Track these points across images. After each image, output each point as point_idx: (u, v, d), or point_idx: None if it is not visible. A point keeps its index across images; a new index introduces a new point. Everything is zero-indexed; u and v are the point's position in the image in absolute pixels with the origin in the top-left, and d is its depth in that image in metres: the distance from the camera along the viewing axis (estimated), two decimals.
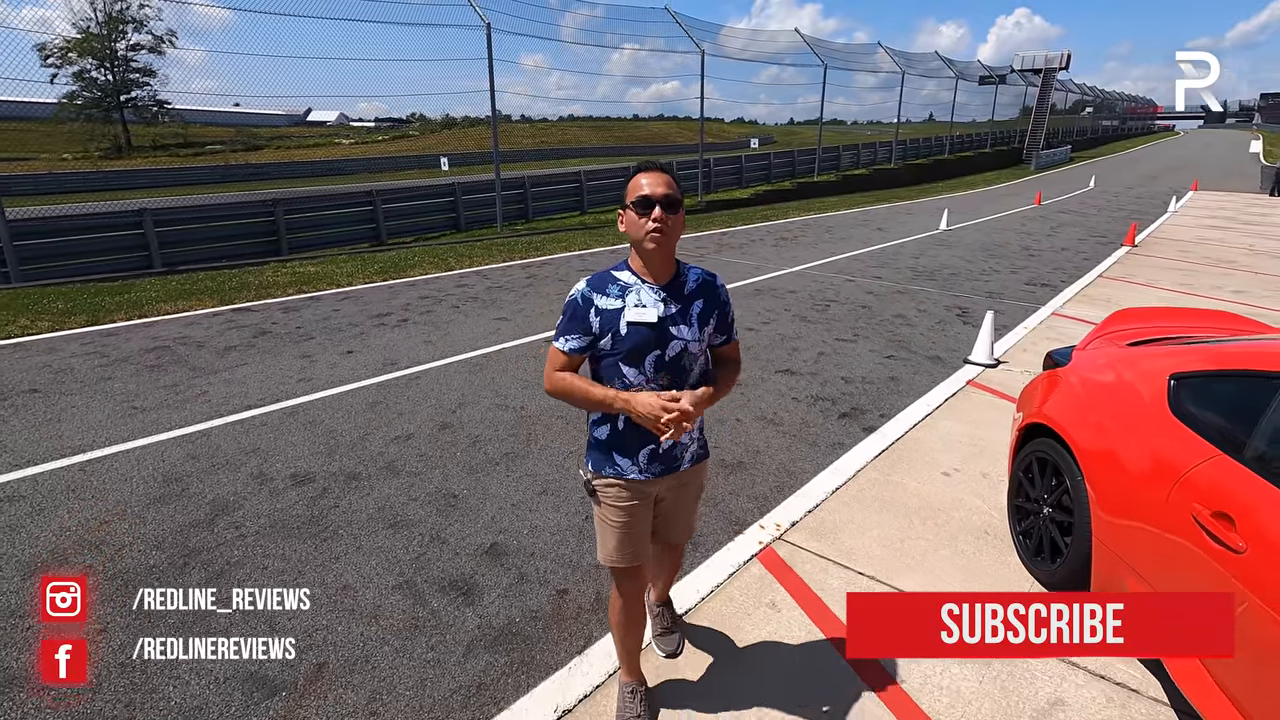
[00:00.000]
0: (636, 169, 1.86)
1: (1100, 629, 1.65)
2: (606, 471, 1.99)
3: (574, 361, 1.92)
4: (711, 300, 1.95)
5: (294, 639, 2.62)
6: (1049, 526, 2.92)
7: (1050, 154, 41.25)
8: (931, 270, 10.58)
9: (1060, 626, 1.66)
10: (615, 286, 1.88)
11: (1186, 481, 2.20)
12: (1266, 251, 12.96)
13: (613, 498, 2.00)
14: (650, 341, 1.86)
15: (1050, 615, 1.66)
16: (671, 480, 2.03)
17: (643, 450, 1.95)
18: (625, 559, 2.04)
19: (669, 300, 1.88)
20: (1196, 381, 2.43)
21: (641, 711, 2.23)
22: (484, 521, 3.50)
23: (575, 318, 1.89)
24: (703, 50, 19.03)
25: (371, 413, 4.86)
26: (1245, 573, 1.91)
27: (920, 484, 3.89)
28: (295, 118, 70.05)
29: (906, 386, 5.54)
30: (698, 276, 1.96)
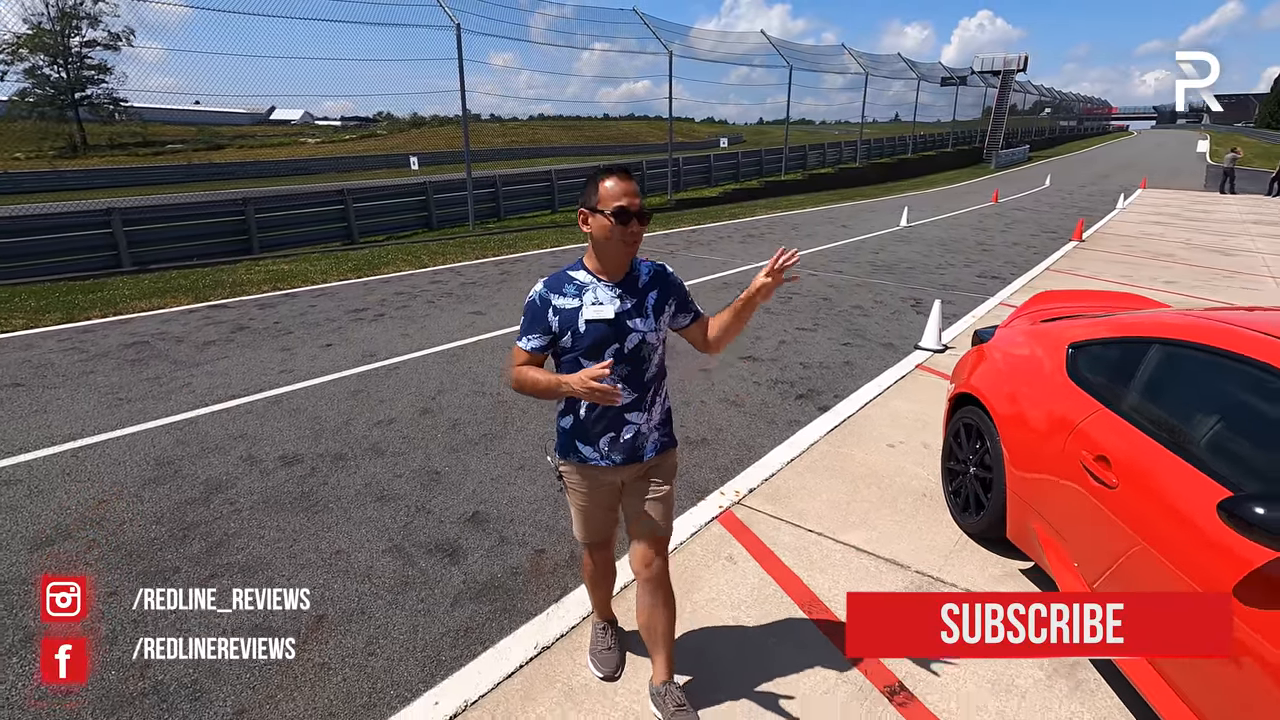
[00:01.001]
0: (604, 172, 1.91)
1: (1100, 629, 1.64)
2: (571, 458, 2.11)
3: (536, 359, 2.02)
4: (664, 288, 2.05)
5: (294, 596, 2.87)
6: (974, 484, 3.29)
7: (1009, 153, 42.49)
8: (890, 264, 11.05)
9: (1060, 626, 1.65)
10: (572, 286, 1.97)
11: (1077, 433, 2.57)
12: (1203, 245, 13.71)
13: (576, 483, 2.15)
14: (609, 336, 1.95)
15: (1050, 615, 1.65)
16: (637, 469, 2.11)
17: (603, 438, 2.04)
18: (591, 536, 2.27)
19: (624, 296, 1.98)
20: (1088, 349, 2.81)
21: (612, 644, 2.48)
22: (466, 494, 3.76)
23: (535, 318, 1.98)
24: (670, 51, 19.38)
25: (353, 400, 5.08)
26: (1117, 505, 2.28)
27: (867, 455, 4.25)
28: (258, 116, 68.82)
29: (860, 370, 5.92)
30: (649, 269, 2.06)
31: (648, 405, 2.07)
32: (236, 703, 2.35)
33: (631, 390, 2.01)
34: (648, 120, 58.75)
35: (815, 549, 3.24)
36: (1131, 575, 2.20)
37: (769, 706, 2.31)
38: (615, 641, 2.51)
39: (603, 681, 2.41)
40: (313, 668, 2.51)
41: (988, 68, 45.77)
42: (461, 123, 15.05)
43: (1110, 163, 43.56)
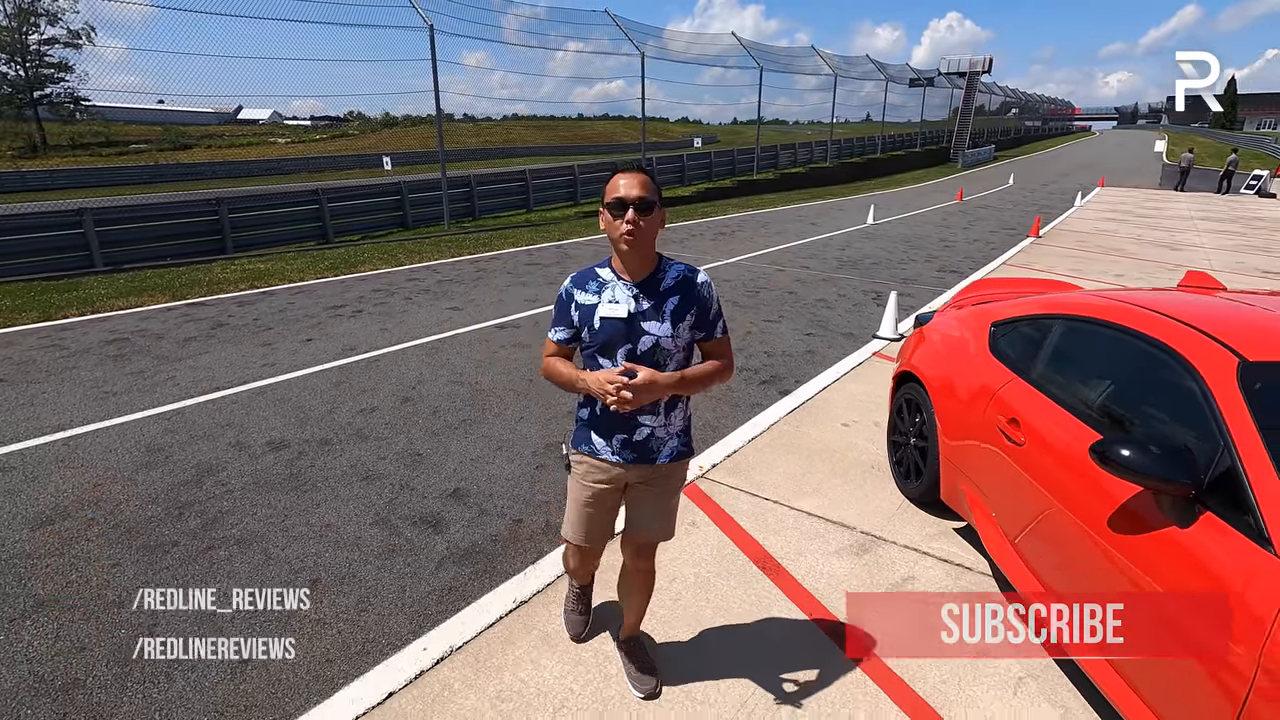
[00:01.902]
0: (615, 170, 1.91)
1: (1100, 629, 1.67)
2: (583, 448, 2.10)
3: (564, 350, 2.05)
4: (689, 297, 1.97)
5: (287, 565, 3.09)
6: (914, 453, 3.62)
7: (975, 153, 43.52)
8: (855, 260, 11.46)
9: (1060, 626, 1.67)
10: (594, 283, 1.98)
11: (995, 400, 2.90)
12: (1152, 241, 14.36)
13: (583, 474, 2.11)
14: (621, 335, 1.93)
15: (1050, 615, 1.66)
16: (645, 471, 2.08)
17: (616, 435, 2.03)
18: (580, 538, 2.20)
19: (641, 296, 1.94)
20: (1006, 327, 3.15)
21: (583, 609, 2.63)
22: (447, 472, 4.00)
23: (561, 311, 2.02)
24: (643, 53, 19.67)
25: (336, 390, 5.28)
26: (1024, 460, 2.61)
27: (823, 433, 4.57)
28: (225, 115, 67.74)
29: (821, 358, 6.26)
30: (678, 273, 1.99)
31: (663, 409, 2.03)
32: (240, 655, 2.58)
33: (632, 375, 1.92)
34: (622, 120, 58.98)
35: (771, 515, 3.54)
36: (1037, 523, 2.52)
37: (724, 642, 2.60)
38: (586, 606, 2.63)
39: (571, 641, 2.60)
40: (310, 623, 2.74)
41: (954, 69, 46.76)
42: (436, 123, 15.19)
43: (1072, 162, 44.83)
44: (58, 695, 2.37)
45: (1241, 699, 1.60)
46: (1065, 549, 2.35)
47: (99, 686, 2.41)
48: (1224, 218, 18.80)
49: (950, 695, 2.37)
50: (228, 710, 2.32)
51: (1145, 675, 1.96)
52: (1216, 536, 1.80)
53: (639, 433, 2.03)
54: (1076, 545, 2.25)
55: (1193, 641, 1.76)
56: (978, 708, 2.32)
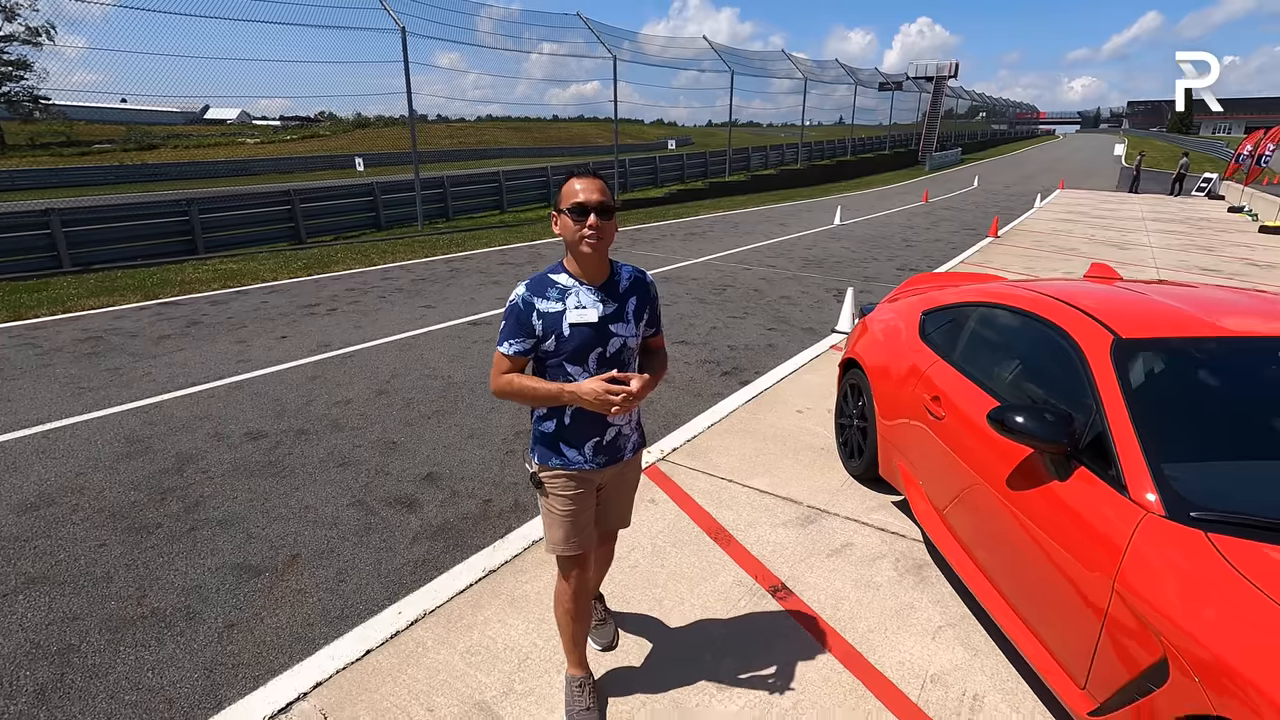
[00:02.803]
0: (569, 174, 1.92)
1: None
2: (554, 463, 2.05)
3: (518, 364, 1.97)
4: (643, 296, 2.05)
5: (268, 543, 3.28)
6: (856, 433, 3.91)
7: (942, 156, 44.53)
8: (820, 259, 11.83)
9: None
10: (554, 290, 1.94)
11: (922, 381, 3.19)
12: (1104, 241, 14.96)
13: (559, 488, 2.07)
14: (592, 340, 1.94)
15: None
16: (615, 470, 2.13)
17: (588, 442, 2.04)
18: (572, 547, 2.11)
19: (606, 300, 1.96)
20: (933, 315, 3.45)
21: (590, 704, 2.26)
22: (421, 458, 4.21)
23: (519, 322, 1.93)
24: (614, 56, 19.93)
25: (312, 384, 5.44)
26: (943, 432, 2.90)
27: (778, 419, 4.85)
28: (192, 115, 66.60)
29: (781, 351, 6.55)
30: (630, 274, 2.05)
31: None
32: (226, 619, 2.77)
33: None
34: (596, 122, 59.24)
35: (724, 492, 3.80)
36: (955, 490, 2.81)
37: (677, 601, 2.85)
38: (594, 701, 2.28)
39: None
40: (291, 592, 2.94)
41: (922, 74, 47.77)
42: (409, 125, 15.27)
43: (1036, 164, 46.05)
44: (54, 658, 2.55)
45: (1102, 614, 1.89)
46: (975, 508, 2.64)
47: (93, 650, 2.59)
48: (1173, 219, 19.58)
49: (876, 642, 2.65)
50: (216, 668, 2.51)
51: (1033, 610, 2.26)
52: (1087, 487, 2.10)
53: (608, 434, 2.06)
54: (983, 503, 2.55)
55: (1068, 575, 2.05)
56: (899, 652, 2.60)
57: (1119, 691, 1.86)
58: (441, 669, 2.48)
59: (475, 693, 2.37)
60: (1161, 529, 1.85)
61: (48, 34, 32.76)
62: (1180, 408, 2.27)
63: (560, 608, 2.21)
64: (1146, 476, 1.96)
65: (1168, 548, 1.81)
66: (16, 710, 2.32)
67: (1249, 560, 1.68)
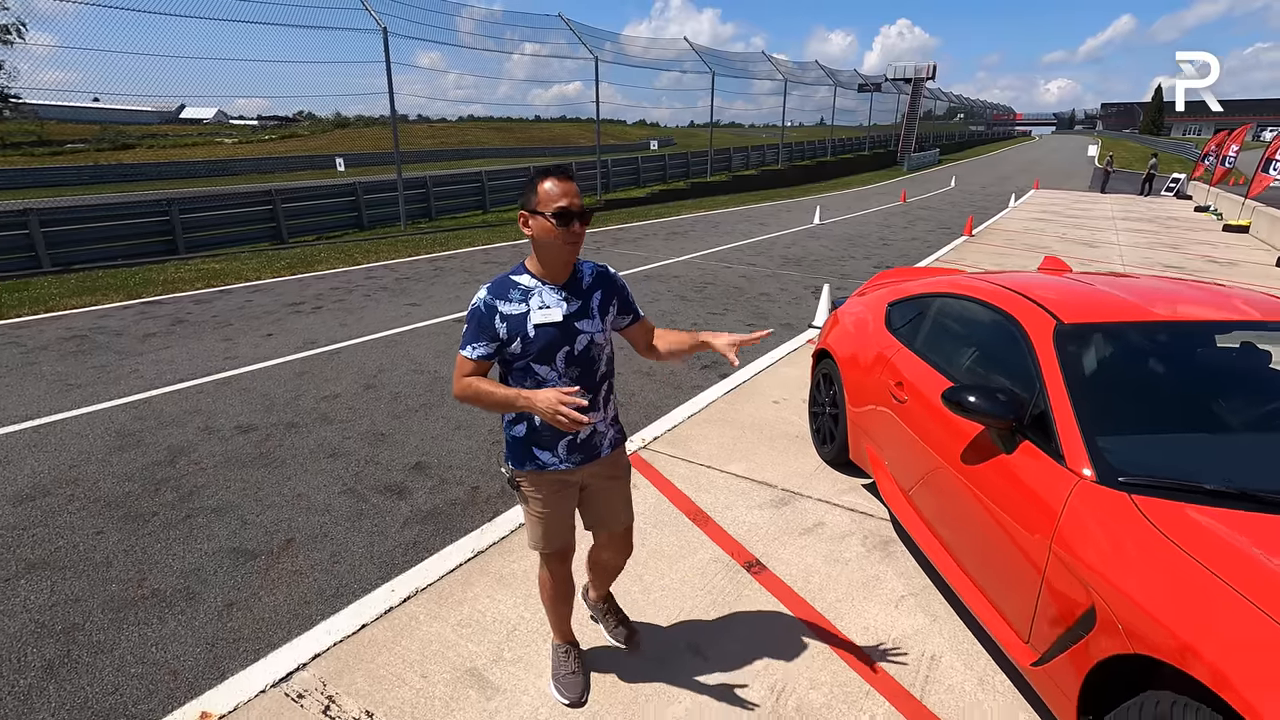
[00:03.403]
0: (542, 173, 1.89)
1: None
2: (528, 466, 2.07)
3: (481, 367, 1.96)
4: (608, 289, 2.06)
5: (263, 528, 3.40)
6: (828, 420, 4.10)
7: (920, 156, 45.17)
8: (799, 258, 12.06)
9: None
10: (517, 291, 1.94)
11: (888, 368, 3.38)
12: (1075, 239, 15.36)
13: (536, 490, 2.09)
14: (558, 340, 1.94)
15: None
16: (594, 468, 2.12)
17: (560, 442, 2.04)
18: (552, 545, 2.17)
19: (570, 298, 1.97)
20: (898, 306, 3.65)
21: (576, 668, 2.38)
22: (409, 449, 4.33)
23: (481, 326, 1.92)
24: (596, 57, 20.07)
25: (300, 380, 5.54)
26: (905, 415, 3.09)
27: (755, 409, 5.03)
28: (167, 115, 65.66)
29: (760, 346, 6.74)
30: (591, 270, 2.06)
31: (601, 404, 2.10)
32: (225, 599, 2.89)
33: (585, 391, 1.99)
34: (579, 122, 59.25)
35: (703, 477, 3.97)
36: (917, 469, 3.00)
37: (657, 576, 3.01)
38: (579, 665, 2.40)
39: (569, 708, 2.32)
40: (287, 574, 3.06)
41: (900, 75, 48.41)
42: (391, 125, 15.30)
43: (1011, 165, 46.82)
44: (60, 636, 2.65)
45: (1041, 573, 2.08)
46: (934, 485, 2.83)
47: (97, 629, 2.70)
48: (1142, 218, 20.11)
49: (843, 610, 2.83)
50: (218, 643, 2.64)
51: (985, 575, 2.45)
52: (1031, 459, 2.29)
53: (582, 432, 2.05)
54: (941, 479, 2.74)
55: (1013, 540, 2.24)
56: (864, 618, 2.78)
57: (1056, 641, 2.04)
58: (434, 640, 2.62)
59: (466, 660, 2.52)
60: (1092, 493, 2.04)
61: (18, 32, 32.13)
62: (1114, 385, 2.47)
63: (544, 594, 2.32)
64: (1081, 447, 2.16)
65: (1097, 509, 2.00)
66: (26, 684, 2.43)
67: (1165, 517, 1.87)
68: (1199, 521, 1.85)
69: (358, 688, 2.38)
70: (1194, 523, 1.84)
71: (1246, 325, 2.64)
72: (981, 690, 2.42)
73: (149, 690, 2.40)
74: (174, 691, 2.40)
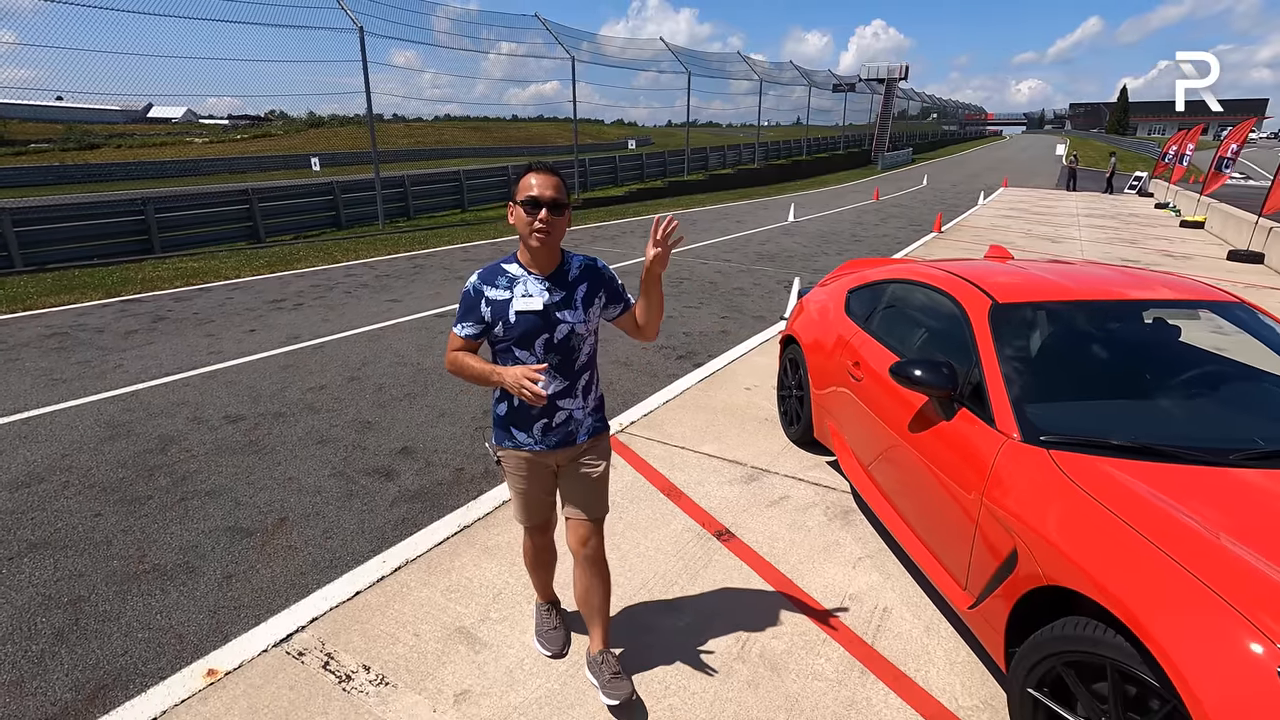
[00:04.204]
0: (527, 167, 2.01)
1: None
2: (507, 444, 2.21)
3: (471, 345, 2.12)
4: (595, 281, 2.14)
5: (256, 509, 3.55)
6: (795, 402, 4.35)
7: (894, 155, 45.91)
8: (773, 254, 12.35)
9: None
10: (504, 279, 2.08)
11: (846, 349, 3.63)
12: (1039, 235, 15.86)
13: (514, 467, 2.24)
14: (538, 327, 2.05)
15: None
16: (570, 452, 2.22)
17: (537, 424, 2.15)
18: (531, 520, 2.36)
19: (553, 289, 2.07)
20: (856, 292, 3.91)
21: (557, 624, 2.58)
22: (395, 435, 4.50)
23: (469, 308, 2.09)
24: (573, 57, 20.23)
25: (285, 373, 5.67)
26: (860, 391, 3.34)
27: (728, 395, 5.27)
28: (134, 114, 64.39)
29: (734, 337, 6.99)
30: (580, 263, 2.15)
31: (579, 392, 2.18)
32: (224, 572, 3.05)
33: (563, 378, 2.12)
34: (556, 122, 59.22)
35: (677, 457, 4.19)
36: (871, 440, 3.25)
37: (633, 545, 3.23)
38: (560, 621, 2.60)
39: (551, 659, 2.50)
40: (282, 549, 3.23)
41: (874, 76, 49.15)
42: (368, 124, 15.34)
43: (982, 164, 47.78)
44: (67, 607, 2.80)
45: (974, 524, 2.33)
46: (886, 454, 3.08)
47: (102, 600, 2.85)
48: (1105, 214, 20.76)
49: (804, 571, 3.07)
50: (219, 610, 2.80)
51: (930, 532, 2.70)
52: (967, 424, 2.54)
53: (558, 416, 2.16)
54: (892, 449, 2.98)
55: (953, 497, 2.49)
56: (824, 578, 3.02)
57: (987, 584, 2.29)
58: (425, 604, 2.81)
59: (455, 620, 2.71)
60: (1017, 451, 2.29)
61: None
62: (1041, 356, 2.74)
63: (526, 559, 2.52)
64: (1010, 411, 2.41)
65: (1020, 464, 2.25)
66: (39, 649, 2.57)
67: (1076, 468, 2.13)
68: (1105, 471, 2.10)
69: (355, 646, 2.57)
70: (1101, 472, 2.10)
71: (1159, 304, 2.93)
72: (927, 636, 2.67)
73: (156, 652, 2.57)
74: (180, 652, 2.56)
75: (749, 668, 2.49)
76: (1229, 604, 1.60)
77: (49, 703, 2.33)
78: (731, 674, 2.46)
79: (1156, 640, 1.62)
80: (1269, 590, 1.63)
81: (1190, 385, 2.69)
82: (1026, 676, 1.98)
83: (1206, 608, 1.62)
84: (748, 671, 2.48)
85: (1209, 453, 2.20)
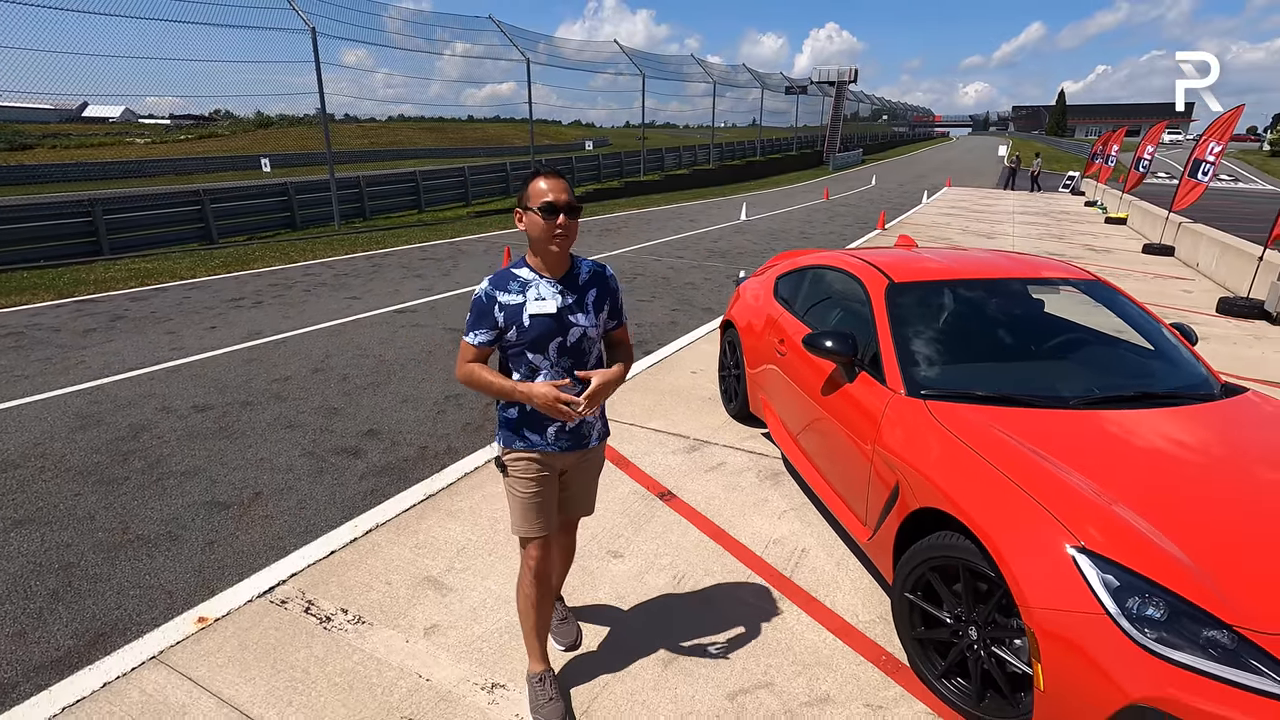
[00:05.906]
0: (534, 173, 2.01)
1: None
2: (518, 446, 2.13)
3: (483, 353, 2.08)
4: (603, 289, 2.14)
5: (231, 486, 3.80)
6: (733, 381, 4.77)
7: (845, 156, 47.24)
8: (724, 251, 12.85)
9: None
10: (516, 283, 2.05)
11: (774, 329, 4.06)
12: (975, 231, 16.73)
13: (522, 470, 2.14)
14: (552, 330, 2.03)
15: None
16: (578, 456, 2.21)
17: (551, 426, 2.11)
18: (535, 529, 2.17)
19: (565, 292, 2.06)
20: (783, 278, 4.35)
21: (554, 694, 2.28)
22: (361, 419, 4.77)
23: (482, 314, 2.03)
24: (528, 59, 20.46)
25: (249, 366, 5.86)
26: (783, 365, 3.77)
27: (675, 379, 5.67)
28: (67, 113, 61.94)
29: (683, 328, 7.40)
30: (589, 268, 2.14)
31: None
32: (206, 539, 3.31)
33: (579, 383, 2.07)
34: (513, 123, 59.07)
35: (627, 433, 4.57)
36: (794, 407, 3.67)
37: None
38: (557, 691, 2.31)
39: None
40: (259, 519, 3.49)
41: (825, 79, 50.47)
42: (320, 124, 15.34)
43: (928, 164, 49.47)
44: (59, 572, 3.03)
45: (869, 467, 2.76)
46: (806, 419, 3.51)
47: (92, 565, 3.08)
48: (1039, 212, 21.91)
49: (735, 523, 3.47)
50: (204, 569, 3.07)
51: (839, 480, 3.13)
52: (865, 385, 2.98)
53: (574, 421, 2.10)
54: (810, 414, 3.41)
55: (855, 447, 2.92)
56: (752, 527, 3.43)
57: (879, 516, 2.72)
58: (395, 559, 3.12)
59: (423, 571, 3.03)
60: (900, 402, 2.73)
61: None
62: (927, 326, 3.20)
63: (521, 594, 2.26)
64: (898, 371, 2.85)
65: (901, 412, 2.69)
66: (37, 607, 2.81)
67: (945, 414, 2.57)
68: (967, 416, 2.55)
69: (332, 594, 2.87)
70: (963, 417, 2.55)
71: (1030, 281, 3.43)
72: (838, 570, 3.10)
73: (148, 605, 2.83)
74: (171, 605, 2.83)
75: (684, 601, 2.88)
76: (1042, 506, 2.05)
77: (53, 649, 2.59)
78: (669, 607, 2.84)
79: (989, 536, 2.06)
80: (1073, 496, 2.09)
81: (1049, 347, 3.19)
82: (904, 583, 2.42)
83: (1026, 511, 2.07)
84: (682, 605, 2.86)
85: (1054, 400, 2.68)
